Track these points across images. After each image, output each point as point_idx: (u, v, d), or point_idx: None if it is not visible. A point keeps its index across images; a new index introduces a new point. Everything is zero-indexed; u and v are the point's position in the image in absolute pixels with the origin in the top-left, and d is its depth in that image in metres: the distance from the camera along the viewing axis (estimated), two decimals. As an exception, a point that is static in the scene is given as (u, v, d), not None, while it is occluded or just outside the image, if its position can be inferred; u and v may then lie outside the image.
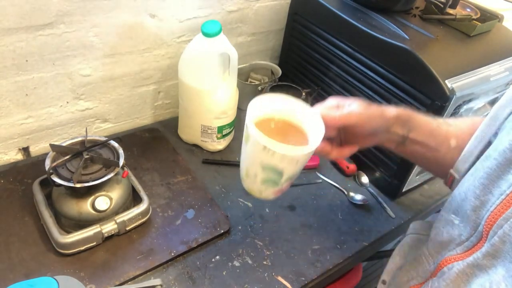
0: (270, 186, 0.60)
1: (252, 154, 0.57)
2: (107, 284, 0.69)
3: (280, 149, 0.53)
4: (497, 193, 0.46)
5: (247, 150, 0.57)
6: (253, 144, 0.55)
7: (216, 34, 0.84)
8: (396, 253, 0.70)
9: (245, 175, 0.61)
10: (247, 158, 0.59)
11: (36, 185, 0.78)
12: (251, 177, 0.60)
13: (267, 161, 0.55)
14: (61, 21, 0.79)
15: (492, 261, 0.46)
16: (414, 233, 0.71)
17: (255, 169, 0.58)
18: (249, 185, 0.62)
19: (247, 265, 0.76)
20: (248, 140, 0.56)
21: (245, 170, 0.61)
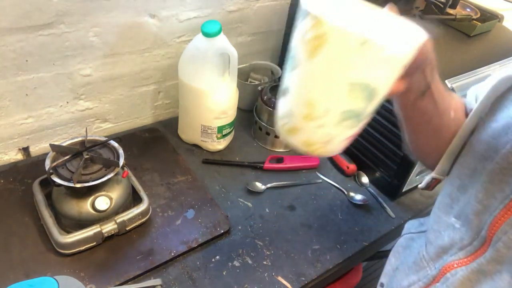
0: (349, 125, 0.42)
1: (332, 68, 0.38)
2: (107, 284, 0.69)
3: (391, 41, 0.35)
4: (501, 197, 0.46)
5: (316, 67, 0.39)
6: (339, 49, 0.37)
7: (216, 34, 0.84)
8: (391, 255, 0.70)
9: (303, 117, 0.42)
10: (317, 81, 0.40)
11: (36, 185, 0.78)
12: (317, 116, 0.41)
13: (361, 72, 0.38)
14: (61, 21, 0.79)
15: (497, 267, 0.46)
16: (407, 233, 0.71)
17: (333, 96, 0.40)
18: (308, 132, 0.43)
19: (247, 265, 0.76)
20: (323, 46, 0.37)
21: (304, 107, 0.41)
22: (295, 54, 0.41)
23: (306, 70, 0.40)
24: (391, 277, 0.66)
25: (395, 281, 0.62)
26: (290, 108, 0.43)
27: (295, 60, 0.41)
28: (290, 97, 0.43)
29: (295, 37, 0.41)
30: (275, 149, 1.05)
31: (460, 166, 0.55)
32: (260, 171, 0.97)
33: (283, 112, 0.45)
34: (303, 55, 0.39)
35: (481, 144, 0.51)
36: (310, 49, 0.38)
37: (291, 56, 0.42)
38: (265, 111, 1.00)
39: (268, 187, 0.93)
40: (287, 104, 0.44)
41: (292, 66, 0.42)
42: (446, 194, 0.57)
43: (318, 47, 0.38)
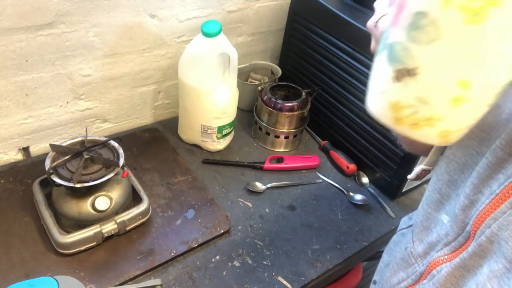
0: (496, 99, 0.34)
1: (506, 32, 0.30)
2: (107, 284, 0.69)
3: None
4: (487, 193, 0.46)
5: (487, 33, 0.30)
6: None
7: (216, 34, 0.84)
8: (385, 252, 0.70)
9: (451, 100, 0.33)
10: (483, 53, 0.31)
11: (36, 185, 0.78)
12: (472, 97, 0.33)
13: None
14: (61, 21, 0.79)
15: (479, 261, 0.45)
16: (400, 229, 0.71)
17: (499, 69, 0.32)
18: (454, 119, 0.35)
19: (247, 265, 0.76)
20: (500, 3, 0.28)
21: (455, 88, 0.33)
22: (434, 21, 0.31)
23: (463, 40, 0.30)
24: (382, 274, 0.66)
25: (385, 278, 0.62)
26: (425, 94, 0.34)
27: (433, 30, 0.31)
28: (426, 78, 0.33)
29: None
30: (275, 149, 1.05)
31: (448, 160, 0.55)
32: (260, 171, 0.97)
33: (406, 100, 0.35)
34: (454, 21, 0.30)
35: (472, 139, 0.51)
36: (474, 11, 0.29)
37: (424, 24, 0.31)
38: (265, 111, 1.00)
39: (268, 187, 0.93)
40: (417, 89, 0.34)
41: (426, 38, 0.32)
42: (435, 190, 0.56)
43: (490, 6, 0.28)
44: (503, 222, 0.43)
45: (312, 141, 1.10)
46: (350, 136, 1.00)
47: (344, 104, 0.98)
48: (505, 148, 0.45)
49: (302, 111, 1.00)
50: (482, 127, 0.50)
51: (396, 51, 0.35)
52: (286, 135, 1.02)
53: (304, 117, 1.02)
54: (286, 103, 0.98)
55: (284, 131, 1.01)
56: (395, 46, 0.35)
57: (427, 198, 0.58)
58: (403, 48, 0.34)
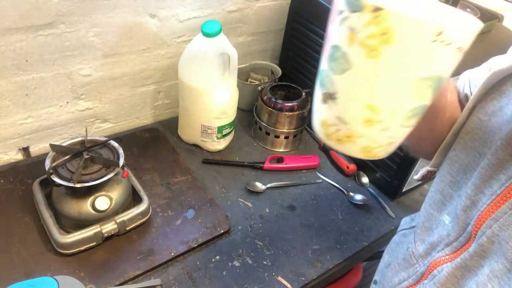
0: (414, 122, 0.39)
1: (400, 66, 0.34)
2: (107, 284, 0.69)
3: (465, 28, 0.33)
4: (489, 193, 0.46)
5: (380, 67, 0.35)
6: (410, 43, 0.33)
7: (216, 34, 0.84)
8: (385, 252, 0.70)
9: (363, 122, 0.38)
10: (382, 82, 0.35)
11: (36, 185, 0.78)
12: (381, 119, 0.37)
13: (434, 65, 0.35)
14: (61, 21, 0.79)
15: (480, 262, 0.46)
16: (401, 229, 0.71)
17: (401, 95, 0.36)
18: (369, 137, 0.39)
19: (247, 265, 0.76)
20: (390, 42, 0.33)
21: (364, 111, 0.37)
22: (344, 54, 0.35)
23: (365, 71, 0.35)
24: (383, 274, 0.66)
25: (387, 278, 0.62)
26: (342, 115, 0.38)
27: (344, 61, 0.36)
28: (343, 102, 0.38)
29: (341, 33, 0.36)
30: (275, 149, 1.05)
31: (451, 161, 0.55)
32: (260, 171, 0.97)
33: (330, 120, 0.40)
34: (358, 55, 0.35)
35: (475, 140, 0.51)
36: (370, 47, 0.33)
37: (336, 56, 0.36)
38: (265, 111, 1.00)
39: (268, 187, 0.93)
40: (337, 111, 0.39)
41: (340, 68, 0.37)
42: (437, 191, 0.57)
43: (382, 44, 0.33)
44: (504, 222, 0.43)
45: (312, 141, 1.10)
46: (350, 136, 1.00)
47: (344, 104, 0.98)
48: (506, 149, 0.45)
49: (302, 111, 1.00)
50: (485, 129, 0.50)
51: (322, 78, 0.40)
52: (286, 135, 1.02)
53: (304, 117, 1.02)
54: (286, 103, 0.98)
55: (284, 131, 1.01)
56: (322, 73, 0.40)
57: (430, 199, 0.58)
58: (326, 76, 0.39)
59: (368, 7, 0.33)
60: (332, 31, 0.37)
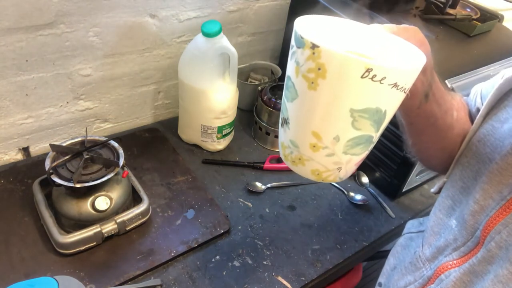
0: (360, 150, 0.41)
1: (336, 98, 0.37)
2: (107, 284, 0.69)
3: (396, 66, 0.35)
4: (498, 198, 0.46)
5: (319, 98, 0.37)
6: (341, 78, 0.35)
7: (216, 34, 0.84)
8: (391, 254, 0.70)
9: (309, 147, 0.41)
10: (322, 112, 0.38)
11: (36, 185, 0.78)
12: (325, 145, 0.40)
13: (368, 100, 0.37)
14: (61, 21, 0.79)
15: (487, 267, 0.45)
16: (407, 232, 0.71)
17: (340, 125, 0.38)
18: (317, 161, 0.42)
19: (247, 265, 0.76)
20: (324, 77, 0.36)
21: (310, 137, 0.40)
22: (293, 85, 0.39)
23: (307, 101, 0.39)
24: (388, 277, 0.66)
25: (392, 281, 0.62)
26: (293, 139, 0.42)
27: (293, 91, 0.39)
28: (293, 127, 0.42)
29: (291, 66, 0.39)
30: (275, 149, 1.05)
31: (463, 167, 0.55)
32: (260, 171, 0.97)
33: (286, 142, 0.43)
34: (302, 86, 0.38)
35: (487, 147, 0.51)
36: (310, 80, 0.37)
37: (289, 86, 0.40)
38: (265, 111, 1.00)
39: (268, 187, 0.93)
40: (289, 135, 0.42)
41: (291, 97, 0.40)
42: (448, 196, 0.57)
43: (318, 78, 0.36)
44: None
45: (312, 141, 1.10)
46: (350, 136, 1.00)
47: (344, 104, 0.98)
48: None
49: (302, 111, 1.00)
50: (497, 136, 0.50)
51: (282, 104, 0.44)
52: (286, 135, 1.02)
53: (304, 117, 1.02)
54: (286, 103, 0.98)
55: (284, 131, 1.01)
56: (282, 99, 0.44)
57: (440, 204, 0.58)
58: (283, 102, 0.43)
59: (307, 44, 0.36)
60: (288, 63, 0.41)
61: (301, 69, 0.37)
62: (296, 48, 0.38)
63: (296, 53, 0.38)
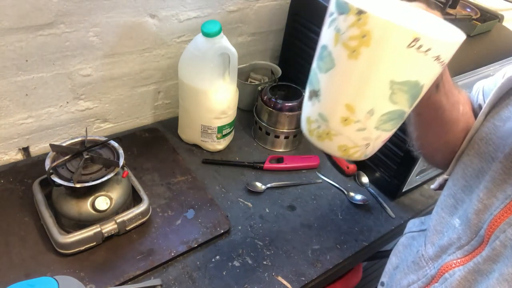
0: (391, 126, 0.40)
1: (376, 68, 0.35)
2: (107, 284, 0.69)
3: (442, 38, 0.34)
4: (502, 197, 0.46)
5: (359, 68, 0.36)
6: (387, 46, 0.34)
7: (216, 34, 0.84)
8: (392, 254, 0.70)
9: (341, 120, 0.39)
10: (360, 83, 0.37)
11: (36, 185, 0.78)
12: (357, 119, 0.38)
13: (410, 71, 0.36)
14: (61, 21, 0.79)
15: (492, 266, 0.45)
16: (409, 231, 0.71)
17: (377, 98, 0.37)
18: (346, 137, 0.40)
19: (247, 265, 0.76)
20: (369, 45, 0.34)
21: (343, 110, 0.38)
22: (330, 54, 0.37)
23: (346, 71, 0.37)
24: (391, 276, 0.66)
25: (395, 280, 0.62)
26: (323, 112, 0.40)
27: (329, 60, 0.37)
28: (324, 99, 0.40)
29: (329, 34, 0.37)
30: (275, 149, 1.05)
31: (465, 165, 0.55)
32: (260, 171, 0.97)
33: (313, 116, 0.42)
34: (341, 55, 0.36)
35: (489, 145, 0.51)
36: (351, 48, 0.35)
37: (323, 55, 0.38)
38: (265, 111, 1.00)
39: (268, 187, 0.93)
40: (319, 108, 0.41)
41: (325, 67, 0.38)
42: (450, 195, 0.57)
43: (361, 46, 0.34)
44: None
45: (312, 141, 1.10)
46: (350, 136, 1.00)
47: (344, 104, 0.98)
48: None
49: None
50: (499, 134, 0.50)
51: (311, 76, 0.43)
52: (286, 135, 1.02)
53: (304, 117, 1.02)
54: (286, 103, 0.98)
55: (284, 131, 1.01)
56: (311, 71, 0.42)
57: (442, 203, 0.58)
58: (314, 74, 0.42)
59: (353, 10, 0.34)
60: (323, 32, 0.39)
61: (342, 37, 0.35)
62: (337, 14, 0.36)
63: (337, 20, 0.36)
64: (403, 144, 0.87)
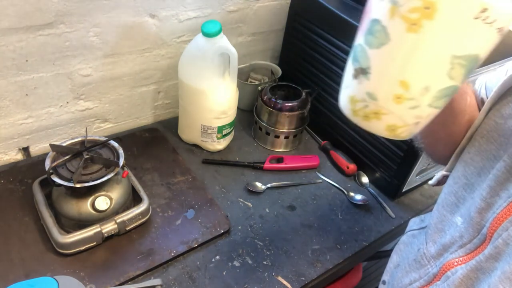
0: (443, 103, 0.39)
1: (439, 42, 0.34)
2: (107, 284, 0.69)
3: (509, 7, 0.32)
4: (505, 196, 0.46)
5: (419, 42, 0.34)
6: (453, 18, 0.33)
7: (216, 34, 0.84)
8: (394, 252, 0.70)
9: (393, 98, 0.38)
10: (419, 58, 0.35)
11: (36, 185, 0.78)
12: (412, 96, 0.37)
13: (473, 45, 0.34)
14: (61, 21, 0.79)
15: (494, 264, 0.45)
16: (410, 230, 0.71)
17: (435, 73, 0.36)
18: (397, 115, 0.39)
19: (247, 265, 0.76)
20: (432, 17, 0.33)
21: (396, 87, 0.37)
22: (384, 28, 0.35)
23: (403, 45, 0.35)
24: (392, 274, 0.66)
25: (396, 279, 0.62)
26: (373, 90, 0.38)
27: (383, 35, 0.35)
28: (375, 77, 0.38)
29: (383, 7, 0.35)
30: (275, 149, 1.05)
31: (466, 163, 0.55)
32: (260, 171, 0.97)
33: (359, 95, 0.40)
34: (398, 29, 0.34)
35: (491, 143, 0.51)
36: (411, 21, 0.33)
37: (375, 30, 0.36)
38: (265, 111, 1.00)
39: (268, 187, 0.93)
40: (367, 86, 0.39)
41: (377, 42, 0.36)
42: (451, 193, 0.57)
43: (423, 18, 0.33)
44: None
45: (312, 141, 1.10)
46: (350, 136, 1.00)
47: (344, 104, 0.98)
48: None
49: (302, 111, 1.00)
50: (500, 132, 0.50)
51: (356, 52, 0.40)
52: (286, 135, 1.02)
53: (304, 117, 1.02)
54: (286, 103, 0.98)
55: (284, 131, 1.01)
56: (356, 47, 0.40)
57: (443, 201, 0.58)
58: (361, 50, 0.39)
59: None
60: (373, 5, 0.37)
61: (400, 9, 0.34)
62: None
63: None
64: (403, 144, 0.87)
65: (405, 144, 0.86)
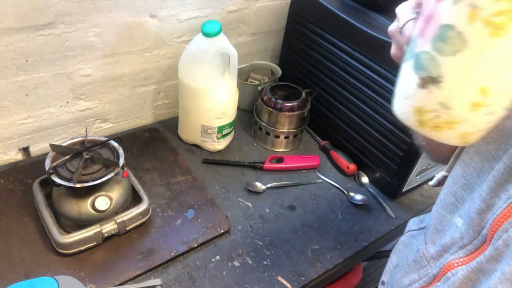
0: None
1: None
2: (107, 284, 0.69)
3: None
4: (505, 197, 0.46)
5: (506, 46, 0.33)
6: None
7: (216, 34, 0.84)
8: (393, 253, 0.70)
9: (470, 106, 0.36)
10: (502, 63, 0.34)
11: (36, 185, 0.78)
12: (489, 103, 0.36)
13: None
14: (61, 21, 0.79)
15: (495, 265, 0.45)
16: (409, 230, 0.71)
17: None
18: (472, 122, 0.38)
19: (247, 265, 0.76)
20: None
21: (474, 94, 0.36)
22: (460, 34, 0.34)
23: (485, 51, 0.33)
24: (391, 275, 0.66)
25: (396, 279, 0.62)
26: (447, 100, 0.37)
27: (457, 42, 0.34)
28: (449, 86, 0.36)
29: (458, 12, 0.34)
30: (275, 149, 1.05)
31: (465, 164, 0.55)
32: (260, 171, 0.97)
33: (429, 106, 0.38)
34: (479, 34, 0.33)
35: (490, 144, 0.51)
36: (495, 25, 0.32)
37: (448, 37, 0.35)
38: (265, 111, 1.00)
39: (268, 187, 0.93)
40: (440, 95, 0.37)
41: (451, 50, 0.35)
42: (450, 193, 0.57)
43: (510, 21, 0.31)
44: None
45: (312, 141, 1.10)
46: (350, 136, 1.00)
47: (344, 104, 0.99)
48: None
49: (302, 111, 1.00)
50: (500, 132, 0.50)
51: (422, 60, 0.38)
52: (286, 135, 1.02)
53: (304, 117, 1.02)
54: (286, 103, 0.98)
55: (284, 131, 1.01)
56: (421, 55, 0.38)
57: (442, 201, 0.58)
58: (429, 58, 0.37)
59: None
60: (443, 10, 0.35)
61: (482, 13, 0.32)
62: None
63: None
64: (403, 144, 0.87)
65: (405, 144, 0.86)
